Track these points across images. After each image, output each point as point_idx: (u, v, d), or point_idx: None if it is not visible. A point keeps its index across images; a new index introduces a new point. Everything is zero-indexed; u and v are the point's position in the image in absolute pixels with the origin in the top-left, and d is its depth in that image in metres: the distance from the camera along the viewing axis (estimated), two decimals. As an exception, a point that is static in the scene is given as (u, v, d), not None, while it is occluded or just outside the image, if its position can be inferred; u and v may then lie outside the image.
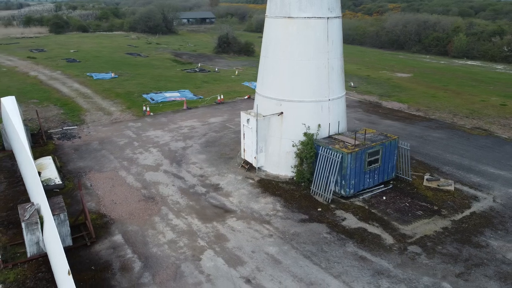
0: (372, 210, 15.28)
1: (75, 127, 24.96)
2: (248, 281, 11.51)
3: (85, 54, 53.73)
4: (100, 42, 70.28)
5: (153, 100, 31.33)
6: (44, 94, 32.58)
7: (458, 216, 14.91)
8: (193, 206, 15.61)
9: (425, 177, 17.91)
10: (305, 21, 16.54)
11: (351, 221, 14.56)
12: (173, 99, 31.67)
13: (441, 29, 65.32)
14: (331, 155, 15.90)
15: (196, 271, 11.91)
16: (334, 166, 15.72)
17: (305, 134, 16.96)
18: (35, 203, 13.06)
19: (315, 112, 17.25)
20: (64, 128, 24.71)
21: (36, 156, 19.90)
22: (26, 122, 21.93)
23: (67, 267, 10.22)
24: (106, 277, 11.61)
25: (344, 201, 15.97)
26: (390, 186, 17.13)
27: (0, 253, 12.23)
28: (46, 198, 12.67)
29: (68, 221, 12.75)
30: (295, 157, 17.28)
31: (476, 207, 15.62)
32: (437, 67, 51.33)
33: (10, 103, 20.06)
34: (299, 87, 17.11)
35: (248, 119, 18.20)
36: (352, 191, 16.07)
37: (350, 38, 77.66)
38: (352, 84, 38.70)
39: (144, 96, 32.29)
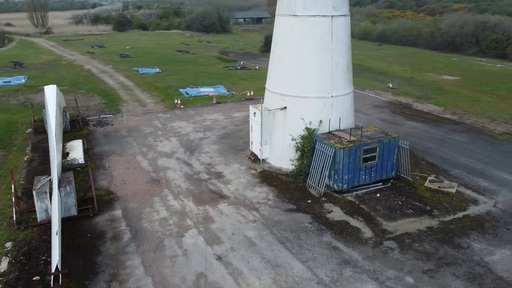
0: (361, 206, 15.51)
1: (111, 115, 27.26)
2: (219, 258, 12.42)
3: (138, 51, 57.36)
4: (157, 39, 74.34)
5: (188, 94, 33.10)
6: (92, 85, 35.63)
7: (449, 218, 14.71)
8: (192, 190, 16.79)
9: (429, 178, 17.67)
10: (310, 19, 17.06)
11: (336, 214, 14.93)
12: (206, 94, 33.24)
13: (502, 30, 61.38)
14: (325, 149, 16.32)
15: (176, 246, 13.03)
16: (328, 160, 16.12)
17: (306, 128, 17.49)
18: (49, 177, 14.90)
19: (317, 108, 17.70)
20: (100, 116, 27.09)
21: (69, 139, 22.24)
22: (65, 109, 24.40)
23: (56, 228, 11.80)
24: (97, 244, 13.10)
25: (336, 195, 16.31)
26: (389, 185, 17.16)
27: (16, 217, 14.17)
28: (57, 173, 14.48)
29: (73, 193, 14.43)
30: (295, 151, 17.86)
31: (471, 210, 15.26)
32: (490, 70, 48.52)
33: (50, 92, 22.53)
34: (302, 83, 17.66)
35: (254, 113, 19.06)
36: (345, 186, 16.36)
37: (403, 39, 75.37)
38: (390, 85, 38.00)
39: (180, 90, 34.19)
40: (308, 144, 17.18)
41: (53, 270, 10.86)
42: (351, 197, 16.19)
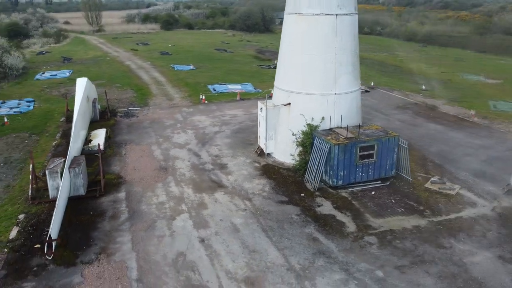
0: (353, 201, 15.69)
1: (138, 108, 28.94)
2: (202, 240, 13.22)
3: (179, 49, 59.63)
4: (199, 38, 76.63)
5: (215, 90, 34.27)
6: (128, 80, 37.80)
7: (439, 218, 14.57)
8: (194, 179, 17.74)
9: (431, 179, 17.44)
10: (314, 17, 17.42)
11: (325, 208, 15.25)
12: (233, 90, 34.22)
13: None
14: (321, 145, 16.63)
15: (165, 227, 14.00)
16: (323, 156, 16.43)
17: (307, 125, 17.87)
18: (63, 159, 16.41)
19: (319, 105, 18.02)
20: (129, 108, 28.85)
21: (96, 128, 23.98)
22: (95, 100, 26.27)
23: (59, 204, 13.13)
24: (96, 221, 14.36)
25: (331, 190, 16.59)
26: (387, 183, 17.15)
27: (31, 193, 15.78)
28: (69, 156, 15.95)
29: (82, 175, 15.82)
30: (296, 146, 18.29)
31: (466, 212, 14.98)
32: (538, 74, 45.71)
33: (80, 84, 24.42)
34: (305, 80, 18.05)
35: (261, 108, 19.69)
36: (340, 182, 16.59)
37: (451, 41, 72.46)
38: (423, 87, 37.05)
39: (209, 86, 35.43)
40: (308, 140, 17.56)
41: (47, 239, 12.17)
42: (346, 193, 16.40)
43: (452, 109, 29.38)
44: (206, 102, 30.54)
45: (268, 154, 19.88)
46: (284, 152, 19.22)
